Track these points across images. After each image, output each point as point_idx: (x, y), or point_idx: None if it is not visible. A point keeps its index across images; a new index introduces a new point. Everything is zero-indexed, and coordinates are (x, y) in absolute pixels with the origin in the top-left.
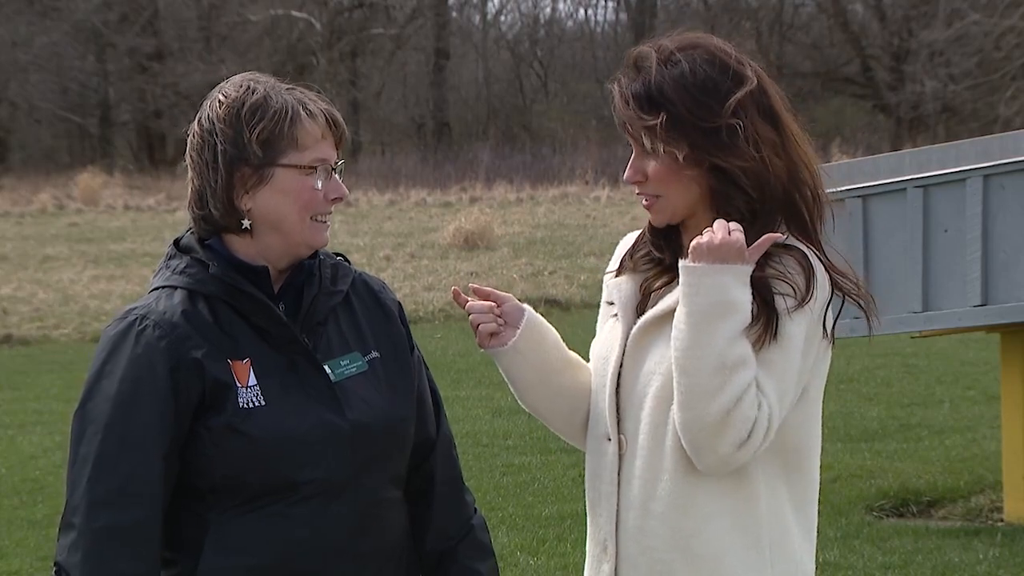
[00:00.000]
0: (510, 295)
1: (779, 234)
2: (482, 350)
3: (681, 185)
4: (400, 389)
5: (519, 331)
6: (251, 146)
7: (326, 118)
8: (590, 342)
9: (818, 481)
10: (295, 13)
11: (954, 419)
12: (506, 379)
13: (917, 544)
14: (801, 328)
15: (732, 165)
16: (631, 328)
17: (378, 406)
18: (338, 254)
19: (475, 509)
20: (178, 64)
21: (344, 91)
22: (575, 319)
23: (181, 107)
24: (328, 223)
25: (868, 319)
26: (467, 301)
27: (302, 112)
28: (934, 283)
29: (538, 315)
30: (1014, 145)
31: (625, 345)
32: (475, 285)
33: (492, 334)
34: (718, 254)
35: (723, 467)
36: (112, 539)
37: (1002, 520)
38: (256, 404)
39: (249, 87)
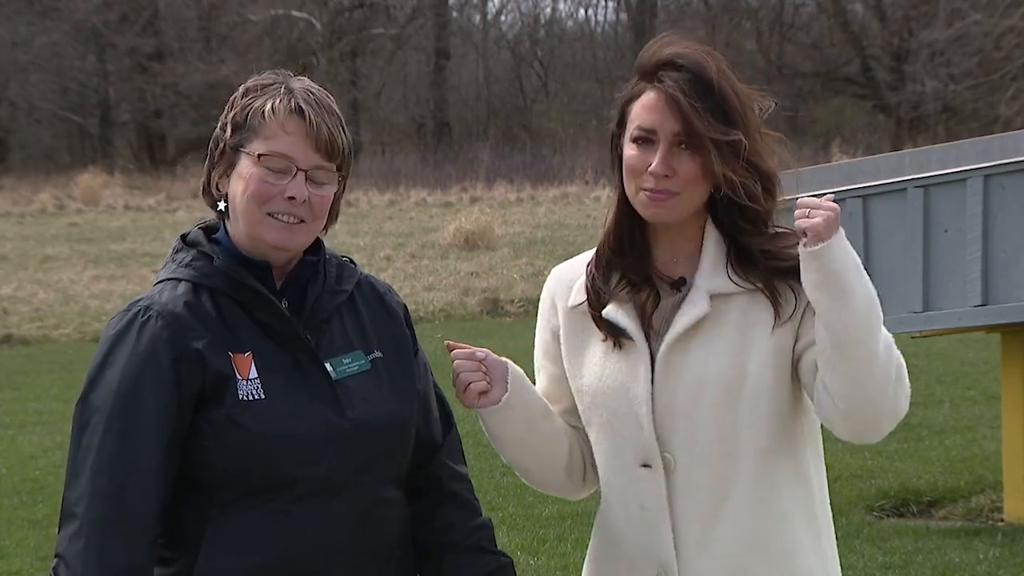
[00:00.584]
0: (486, 349)
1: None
2: (470, 408)
3: (704, 188)
4: (402, 389)
5: (509, 385)
6: (227, 128)
7: (307, 118)
8: None
9: None
10: (295, 13)
11: (954, 419)
12: (490, 437)
13: (917, 544)
14: None
15: (769, 170)
16: (651, 349)
17: (379, 405)
18: (344, 256)
19: (481, 512)
20: (178, 64)
21: (344, 91)
22: None
23: (181, 107)
24: (289, 223)
25: None
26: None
27: (276, 103)
28: (934, 283)
29: (516, 366)
30: (1014, 145)
31: (652, 366)
32: (450, 341)
33: (482, 392)
34: (834, 225)
35: (895, 423)
36: (112, 531)
37: (1002, 520)
38: (256, 397)
39: (264, 75)
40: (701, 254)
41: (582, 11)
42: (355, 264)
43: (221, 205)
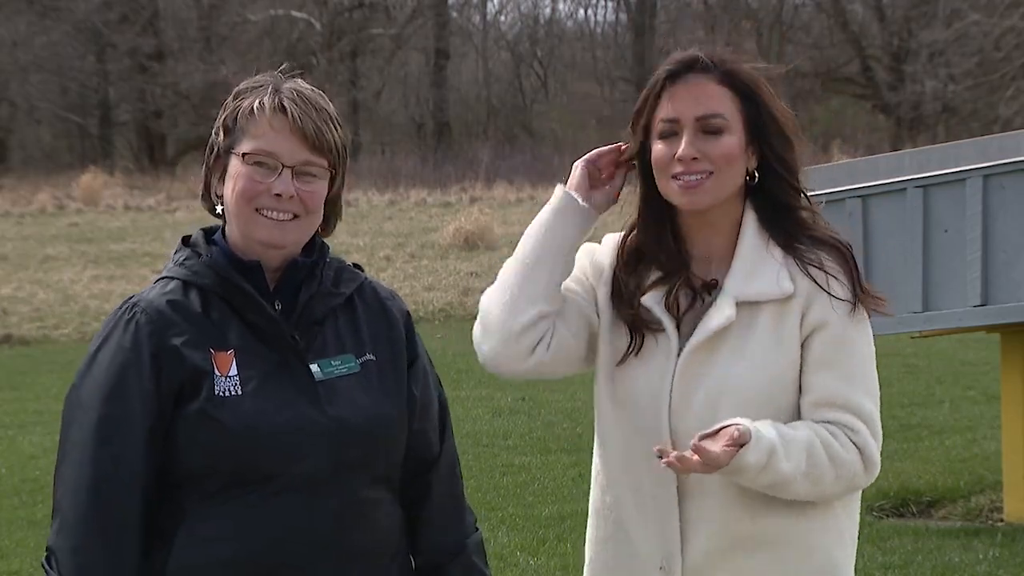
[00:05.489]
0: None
1: (740, 433)
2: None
3: (736, 169)
4: (392, 392)
5: (593, 209)
6: (219, 132)
7: (290, 114)
8: None
9: None
10: (295, 13)
11: (954, 419)
12: (539, 226)
13: (917, 544)
14: (864, 330)
15: (794, 162)
16: (674, 351)
17: (364, 406)
18: (356, 265)
19: (475, 528)
20: (178, 64)
21: (344, 91)
22: None
23: (181, 107)
24: (279, 220)
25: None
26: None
27: (264, 102)
28: (934, 283)
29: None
30: (1014, 145)
31: (675, 368)
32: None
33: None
34: (728, 457)
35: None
36: (97, 524)
37: (1002, 520)
38: (232, 393)
39: (256, 78)
40: (735, 255)
41: (582, 11)
42: (361, 270)
43: (219, 208)
